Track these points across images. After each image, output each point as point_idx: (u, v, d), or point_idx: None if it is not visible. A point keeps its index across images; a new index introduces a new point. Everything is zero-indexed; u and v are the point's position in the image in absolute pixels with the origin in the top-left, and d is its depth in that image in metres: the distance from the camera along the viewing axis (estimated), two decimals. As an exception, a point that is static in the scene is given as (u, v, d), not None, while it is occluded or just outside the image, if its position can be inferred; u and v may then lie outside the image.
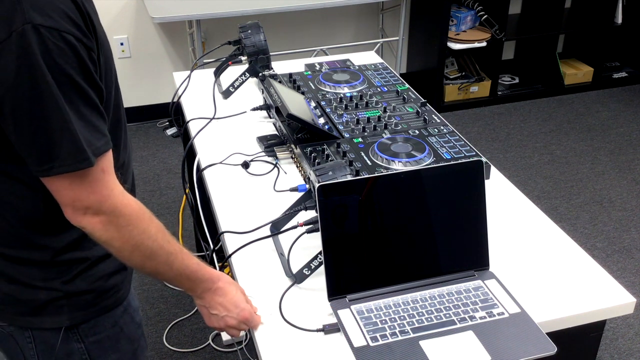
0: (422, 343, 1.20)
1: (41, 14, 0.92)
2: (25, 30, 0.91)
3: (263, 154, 1.77)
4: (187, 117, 2.00)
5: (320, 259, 1.32)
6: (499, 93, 4.21)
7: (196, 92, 2.12)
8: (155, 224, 1.12)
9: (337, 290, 1.29)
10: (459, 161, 1.50)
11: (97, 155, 1.01)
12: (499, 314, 1.26)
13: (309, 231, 1.34)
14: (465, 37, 3.92)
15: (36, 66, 0.92)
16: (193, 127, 1.92)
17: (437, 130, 1.78)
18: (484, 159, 1.53)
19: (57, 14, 0.94)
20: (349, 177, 1.37)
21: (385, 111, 1.89)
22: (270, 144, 1.79)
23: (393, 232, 1.30)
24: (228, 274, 2.45)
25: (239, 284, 1.30)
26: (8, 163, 1.06)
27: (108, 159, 1.04)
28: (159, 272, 1.15)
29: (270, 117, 1.93)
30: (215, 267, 1.60)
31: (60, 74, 0.95)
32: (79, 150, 0.98)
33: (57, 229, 1.14)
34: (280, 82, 2.00)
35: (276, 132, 1.86)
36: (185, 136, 2.10)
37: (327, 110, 1.89)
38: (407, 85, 2.07)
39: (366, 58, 2.38)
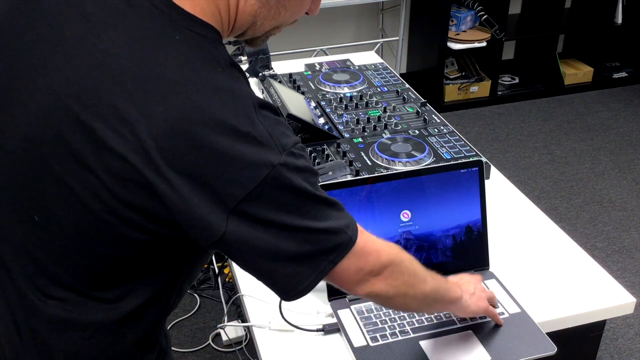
0: (422, 343, 1.20)
1: (285, 136, 0.88)
2: (284, 159, 0.85)
3: (263, 154, 1.77)
4: (187, 117, 1.99)
5: (320, 259, 1.31)
6: (499, 93, 4.21)
7: (196, 92, 2.12)
8: (404, 250, 1.07)
9: (337, 290, 1.29)
10: (459, 161, 1.50)
11: (354, 232, 0.95)
12: (499, 314, 1.26)
13: (309, 231, 1.33)
14: (465, 37, 3.92)
15: (298, 186, 0.87)
16: (193, 127, 1.92)
17: (437, 130, 1.78)
18: (484, 159, 1.53)
19: (289, 129, 0.90)
20: (349, 177, 1.37)
21: (385, 111, 1.89)
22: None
23: (393, 232, 1.30)
24: (228, 273, 2.46)
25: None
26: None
27: (360, 227, 0.98)
28: (433, 291, 1.08)
29: (270, 117, 1.93)
30: (215, 267, 1.60)
31: (312, 177, 0.91)
32: (342, 239, 0.92)
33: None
34: (280, 82, 2.00)
35: (276, 132, 1.86)
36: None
37: (327, 110, 1.89)
38: (407, 85, 2.07)
39: (366, 58, 2.38)
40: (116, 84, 0.82)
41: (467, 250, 1.36)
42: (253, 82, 2.14)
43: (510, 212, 1.60)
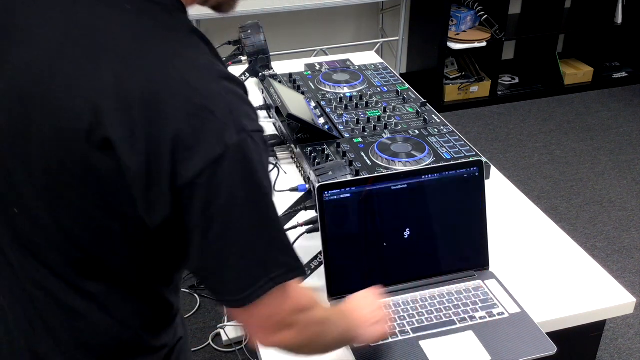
0: (422, 343, 1.20)
1: (249, 118, 0.82)
2: (242, 140, 0.80)
3: (263, 154, 1.77)
4: (187, 117, 1.99)
5: (320, 259, 1.32)
6: (499, 93, 4.21)
7: (196, 92, 2.12)
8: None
9: (337, 290, 1.29)
10: (459, 161, 1.50)
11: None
12: (499, 314, 1.26)
13: (309, 231, 1.34)
14: (465, 37, 3.92)
15: (254, 177, 0.82)
16: (193, 127, 1.92)
17: (437, 130, 1.78)
18: (484, 159, 1.53)
19: (255, 113, 0.85)
20: (349, 177, 1.37)
21: (385, 111, 1.89)
22: (270, 144, 1.79)
23: (393, 232, 1.30)
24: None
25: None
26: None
27: None
28: (340, 335, 1.05)
29: (270, 117, 1.93)
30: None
31: (267, 178, 0.86)
32: (292, 257, 0.88)
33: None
34: (280, 82, 2.00)
35: (276, 132, 1.86)
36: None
37: (327, 110, 1.89)
38: (407, 85, 2.07)
39: (366, 58, 2.38)
40: (69, 59, 0.81)
41: (467, 250, 1.36)
42: (253, 82, 2.14)
43: (510, 212, 1.59)
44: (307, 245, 1.38)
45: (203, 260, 0.86)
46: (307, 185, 1.51)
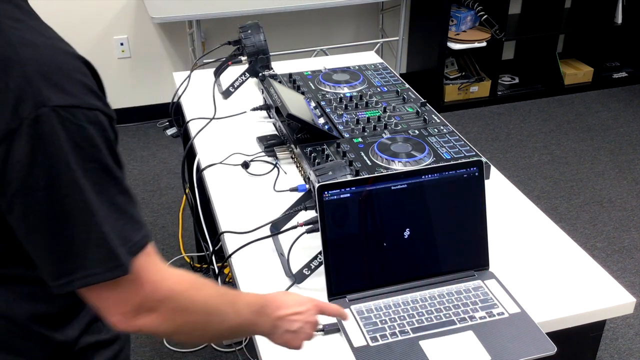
0: (422, 343, 1.20)
1: (59, 90, 0.75)
2: (40, 115, 0.74)
3: (263, 154, 1.77)
4: (187, 117, 2.00)
5: (320, 259, 1.32)
6: (499, 93, 4.21)
7: (196, 92, 2.12)
8: (208, 283, 0.96)
9: (337, 290, 1.29)
10: (459, 161, 1.50)
11: (134, 253, 0.83)
12: (498, 314, 1.26)
13: (308, 231, 1.34)
14: (465, 37, 3.92)
15: (57, 158, 0.75)
16: (193, 127, 1.92)
17: (437, 130, 1.78)
18: (484, 159, 1.53)
19: (76, 87, 0.77)
20: (349, 177, 1.37)
21: (385, 111, 1.89)
22: (270, 144, 1.79)
23: (393, 232, 1.30)
24: (228, 274, 2.45)
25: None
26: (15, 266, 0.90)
27: (149, 246, 0.87)
28: (232, 329, 1.00)
29: (270, 117, 1.93)
30: (215, 268, 1.61)
31: (89, 162, 0.78)
32: (109, 256, 0.80)
33: (68, 318, 0.98)
34: (280, 82, 2.00)
35: (276, 132, 1.86)
36: (185, 136, 2.10)
37: (327, 110, 1.89)
38: (407, 85, 2.07)
39: (366, 58, 2.38)
40: None
41: (467, 250, 1.36)
42: (253, 82, 2.15)
43: (510, 212, 1.59)
44: (307, 245, 1.38)
45: (22, 240, 0.82)
46: (307, 185, 1.51)
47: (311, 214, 1.37)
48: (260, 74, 2.03)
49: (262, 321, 1.04)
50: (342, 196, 1.26)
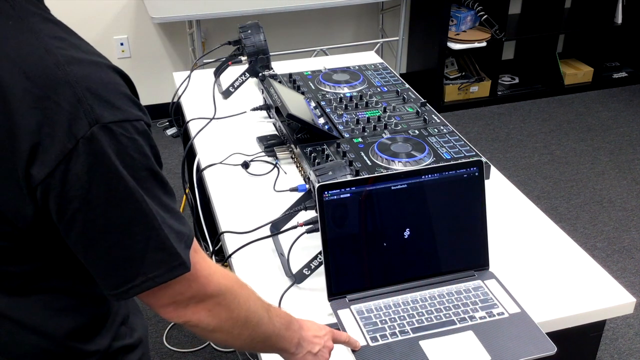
0: (422, 343, 1.20)
1: (109, 107, 0.78)
2: (95, 133, 0.76)
3: (263, 154, 1.77)
4: (187, 117, 2.00)
5: (320, 259, 1.32)
6: (499, 93, 4.21)
7: (196, 92, 2.12)
8: (246, 284, 1.00)
9: (337, 290, 1.29)
10: (459, 161, 1.50)
11: (189, 246, 0.87)
12: (498, 314, 1.26)
13: (308, 231, 1.34)
14: (465, 37, 3.92)
15: (113, 173, 0.78)
16: (193, 127, 1.92)
17: (437, 130, 1.78)
18: (484, 159, 1.53)
19: (122, 101, 0.80)
20: (349, 177, 1.37)
21: (385, 111, 1.89)
22: (270, 144, 1.79)
23: (393, 232, 1.30)
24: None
25: None
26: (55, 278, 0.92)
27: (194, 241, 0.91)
28: (264, 335, 1.01)
29: (270, 117, 1.93)
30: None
31: (141, 170, 0.81)
32: (171, 256, 0.84)
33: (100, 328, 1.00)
34: (280, 82, 2.00)
35: (276, 132, 1.86)
36: (185, 136, 2.10)
37: (327, 110, 1.89)
38: (407, 85, 2.07)
39: (366, 58, 2.38)
40: None
41: (467, 250, 1.36)
42: (253, 82, 2.15)
43: (510, 212, 1.59)
44: (307, 245, 1.38)
45: (79, 255, 0.84)
46: (307, 185, 1.51)
47: (311, 214, 1.37)
48: (260, 74, 2.03)
49: (289, 336, 1.06)
50: (342, 196, 1.26)
